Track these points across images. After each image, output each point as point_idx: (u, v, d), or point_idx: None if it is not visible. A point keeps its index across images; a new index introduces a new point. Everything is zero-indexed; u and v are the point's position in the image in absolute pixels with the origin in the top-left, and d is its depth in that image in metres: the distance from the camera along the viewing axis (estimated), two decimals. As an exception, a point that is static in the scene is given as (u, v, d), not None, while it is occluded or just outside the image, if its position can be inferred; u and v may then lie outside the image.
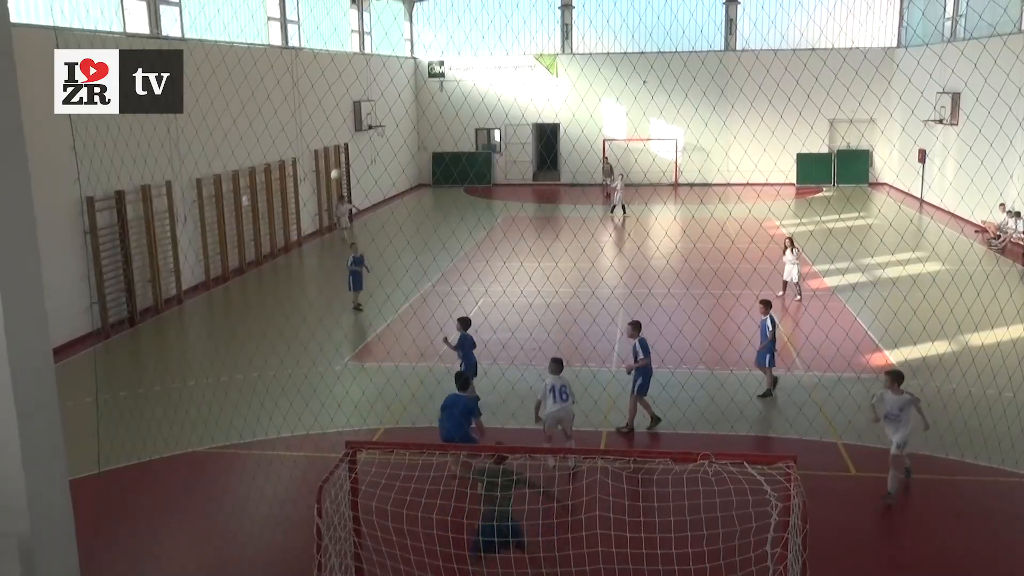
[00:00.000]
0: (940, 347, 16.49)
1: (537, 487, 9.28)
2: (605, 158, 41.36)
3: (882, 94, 37.22)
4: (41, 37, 15.50)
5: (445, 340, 14.73)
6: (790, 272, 20.11)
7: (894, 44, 40.66)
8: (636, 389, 13.34)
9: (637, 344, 13.31)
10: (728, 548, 8.09)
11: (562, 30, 42.92)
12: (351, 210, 30.97)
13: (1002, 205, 26.36)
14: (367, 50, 37.96)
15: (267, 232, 26.76)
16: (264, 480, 12.13)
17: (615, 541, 8.31)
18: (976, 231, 27.77)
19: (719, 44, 41.82)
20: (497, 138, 44.20)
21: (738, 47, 41.44)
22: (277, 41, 29.29)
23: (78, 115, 7.73)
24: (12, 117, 6.80)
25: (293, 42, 30.32)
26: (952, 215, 30.56)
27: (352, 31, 36.68)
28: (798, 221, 31.49)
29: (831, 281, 22.25)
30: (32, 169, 7.00)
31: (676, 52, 40.03)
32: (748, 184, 34.87)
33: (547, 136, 43.76)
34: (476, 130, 43.48)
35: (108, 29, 19.90)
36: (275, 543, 10.47)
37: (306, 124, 28.48)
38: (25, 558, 6.86)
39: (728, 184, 38.28)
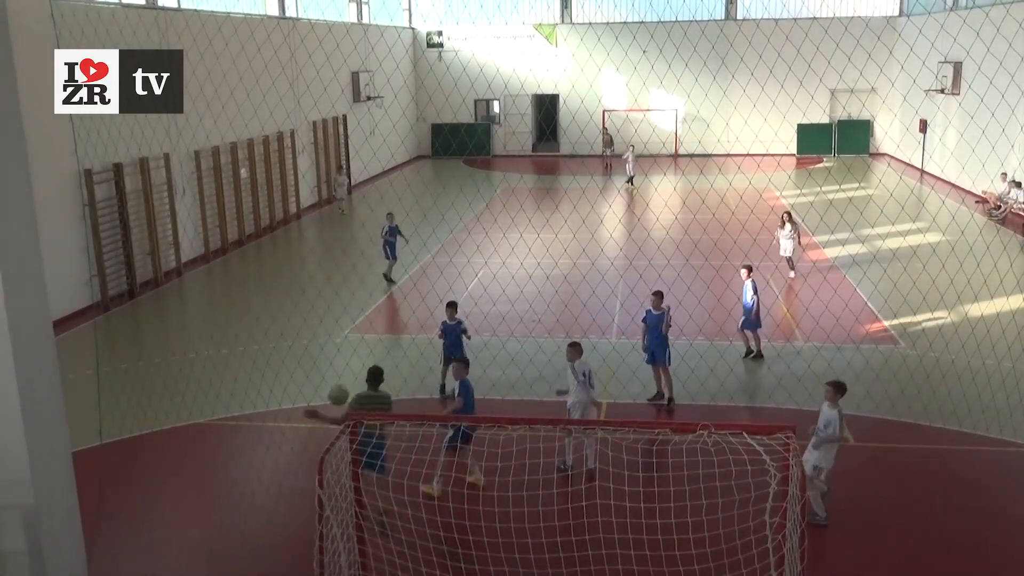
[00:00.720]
0: (940, 317, 16.51)
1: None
2: (605, 129, 41.17)
3: (883, 63, 37.00)
4: (34, 8, 15.39)
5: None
6: (785, 247, 20.04)
7: (896, 13, 40.34)
8: (668, 359, 13.30)
9: (668, 313, 13.29)
10: (727, 518, 8.15)
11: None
12: (348, 182, 30.83)
13: (1003, 175, 26.28)
14: (365, 20, 37.67)
15: (266, 204, 26.70)
16: (265, 451, 12.19)
17: (615, 511, 8.37)
18: (977, 201, 27.71)
19: (720, 13, 41.49)
20: (496, 109, 43.96)
21: (739, 16, 41.12)
22: (274, 11, 29.05)
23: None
24: (8, 90, 6.76)
25: (290, 12, 30.08)
26: (953, 185, 30.47)
27: (349, 1, 36.37)
28: (798, 192, 31.41)
29: (831, 252, 22.24)
30: (29, 142, 6.98)
31: (676, 21, 39.77)
32: (748, 155, 34.75)
33: (546, 107, 43.53)
34: (475, 101, 43.24)
35: (104, 1, 19.71)
36: (277, 514, 10.55)
37: (304, 95, 28.33)
38: (30, 529, 6.92)
39: (728, 155, 38.12)
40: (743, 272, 15.09)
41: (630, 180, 33.90)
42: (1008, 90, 20.49)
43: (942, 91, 31.81)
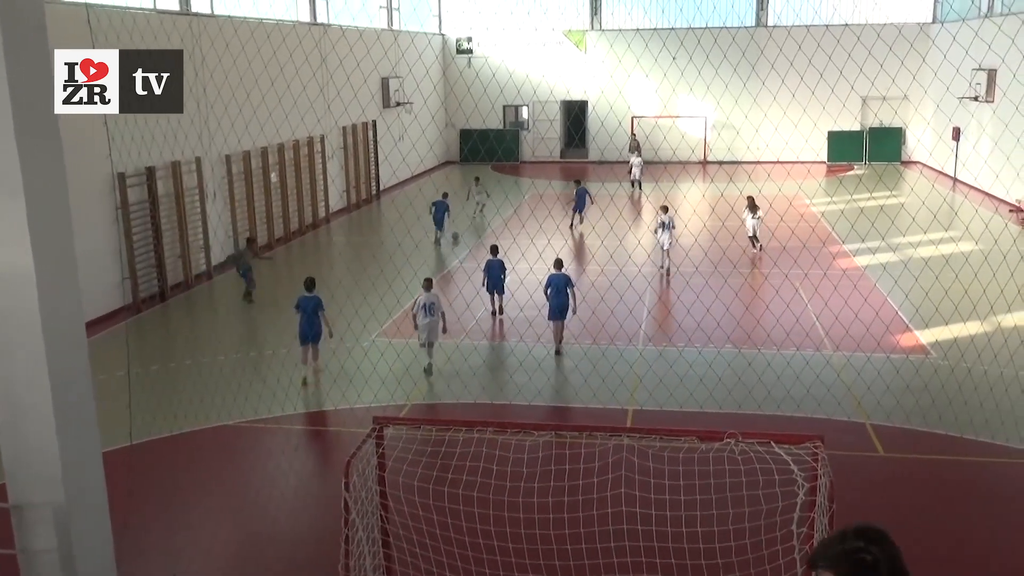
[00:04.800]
0: (972, 328, 16.30)
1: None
2: (634, 134, 41.03)
3: (916, 71, 36.57)
4: (70, 13, 15.61)
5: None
6: (750, 227, 22.42)
7: (929, 19, 39.93)
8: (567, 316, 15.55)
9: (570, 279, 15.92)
10: (754, 527, 8.09)
11: (591, 5, 42.56)
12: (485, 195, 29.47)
13: (1038, 184, 25.92)
14: (395, 26, 37.87)
15: (295, 209, 26.89)
16: (293, 454, 12.27)
17: (640, 519, 8.33)
18: (1011, 210, 27.33)
19: (750, 20, 41.29)
20: (525, 115, 44.00)
21: (769, 23, 40.89)
22: (306, 17, 29.28)
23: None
24: (45, 94, 6.86)
25: (321, 18, 30.31)
26: (986, 194, 30.07)
27: (380, 7, 36.58)
28: (829, 199, 31.15)
29: (861, 260, 22.03)
30: (64, 145, 7.08)
31: (707, 28, 39.62)
32: (778, 162, 34.51)
33: (575, 113, 43.51)
34: (504, 107, 43.31)
35: (139, 7, 19.98)
36: (303, 516, 10.60)
37: (334, 101, 28.51)
38: (60, 527, 6.99)
39: (758, 162, 37.89)
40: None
41: (639, 185, 33.63)
42: (1044, 98, 20.19)
43: (976, 99, 31.42)
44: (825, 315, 16.78)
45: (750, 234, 23.03)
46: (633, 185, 33.84)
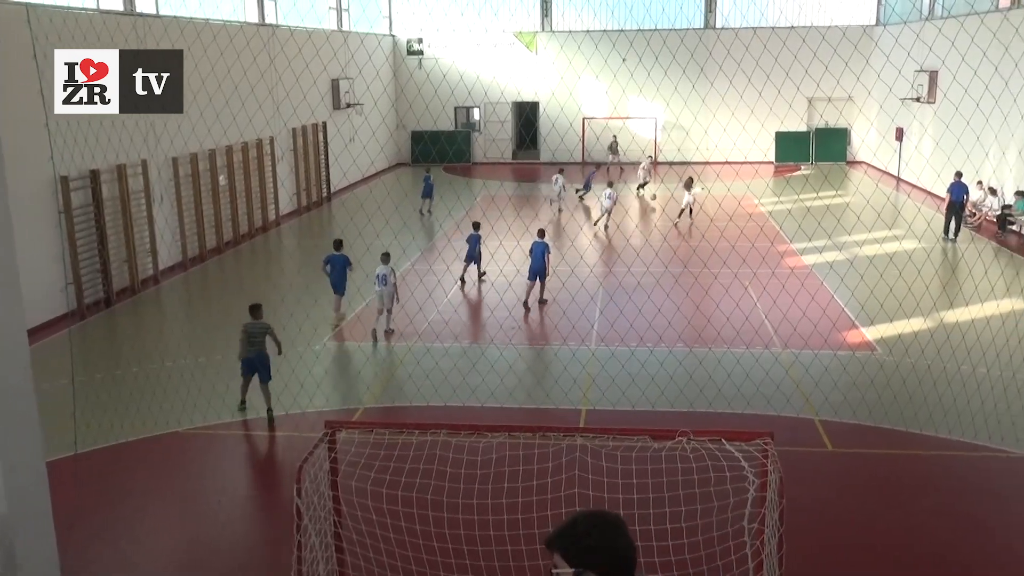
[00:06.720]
0: (916, 324, 16.65)
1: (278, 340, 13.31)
2: (614, 136, 41.16)
3: (860, 72, 37.28)
4: (12, 14, 15.28)
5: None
6: (686, 202, 26.29)
7: (873, 22, 40.74)
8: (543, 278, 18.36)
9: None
10: (706, 524, 8.17)
11: (542, 7, 42.69)
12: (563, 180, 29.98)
13: (979, 183, 26.55)
14: (345, 27, 37.62)
15: (245, 211, 26.57)
16: (243, 460, 12.12)
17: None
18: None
19: (699, 22, 41.74)
20: (476, 116, 43.99)
21: (717, 25, 41.39)
22: (254, 18, 28.95)
23: (49, 91, 7.66)
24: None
25: (270, 19, 30.00)
26: (929, 193, 30.76)
27: (329, 8, 36.32)
28: (776, 199, 31.61)
29: (809, 259, 22.38)
30: (3, 147, 6.91)
31: (656, 29, 39.99)
32: (727, 162, 34.94)
33: (526, 114, 43.60)
34: (455, 108, 43.27)
35: (81, 7, 19.59)
36: (255, 523, 10.47)
37: (283, 102, 28.24)
38: (3, 538, 6.83)
39: (707, 162, 38.31)
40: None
41: (641, 186, 33.65)
42: (982, 98, 20.71)
43: (918, 99, 32.12)
44: (774, 313, 17.03)
45: (682, 207, 26.68)
46: (639, 187, 33.56)
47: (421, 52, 43.12)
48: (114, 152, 19.10)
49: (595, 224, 27.05)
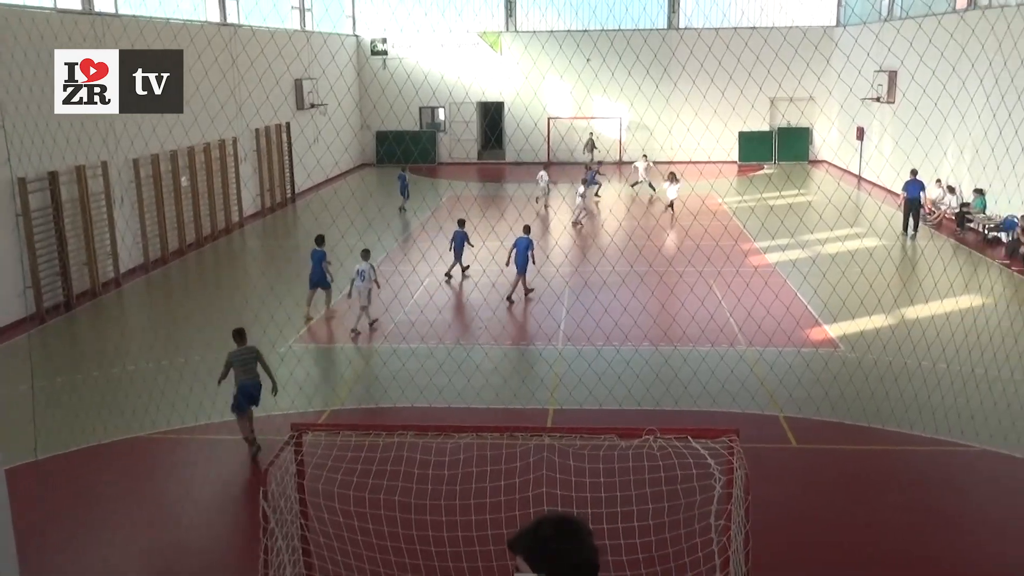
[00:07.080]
0: (878, 321, 16.87)
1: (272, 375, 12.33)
2: (591, 134, 41.24)
3: (821, 72, 37.73)
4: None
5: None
6: (670, 193, 27.60)
7: (833, 23, 41.22)
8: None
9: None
10: (673, 521, 8.22)
11: (506, 7, 42.69)
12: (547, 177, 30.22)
13: (938, 181, 26.97)
14: (308, 27, 37.36)
15: (207, 213, 26.29)
16: (208, 464, 11.97)
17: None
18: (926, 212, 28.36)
19: (662, 22, 41.99)
20: (441, 116, 43.89)
21: (681, 25, 41.66)
22: (215, 17, 28.66)
23: (6, 91, 7.56)
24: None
25: (231, 18, 29.71)
26: (889, 191, 31.19)
27: (292, 7, 36.05)
28: (740, 198, 31.88)
29: (772, 257, 22.60)
30: (-42, 150, 6.80)
31: (619, 30, 40.15)
32: (691, 162, 35.16)
33: (491, 114, 43.58)
34: (420, 108, 43.15)
35: (38, 6, 19.27)
36: (221, 526, 10.36)
37: (246, 103, 27.96)
38: (-40, 549, 6.69)
39: (671, 162, 38.54)
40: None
41: (649, 184, 33.36)
42: (940, 98, 21.05)
43: (878, 99, 32.56)
44: (738, 311, 17.16)
45: (668, 201, 27.91)
46: (650, 186, 33.25)
47: (385, 52, 42.94)
48: (72, 153, 18.79)
49: (575, 224, 27.37)
